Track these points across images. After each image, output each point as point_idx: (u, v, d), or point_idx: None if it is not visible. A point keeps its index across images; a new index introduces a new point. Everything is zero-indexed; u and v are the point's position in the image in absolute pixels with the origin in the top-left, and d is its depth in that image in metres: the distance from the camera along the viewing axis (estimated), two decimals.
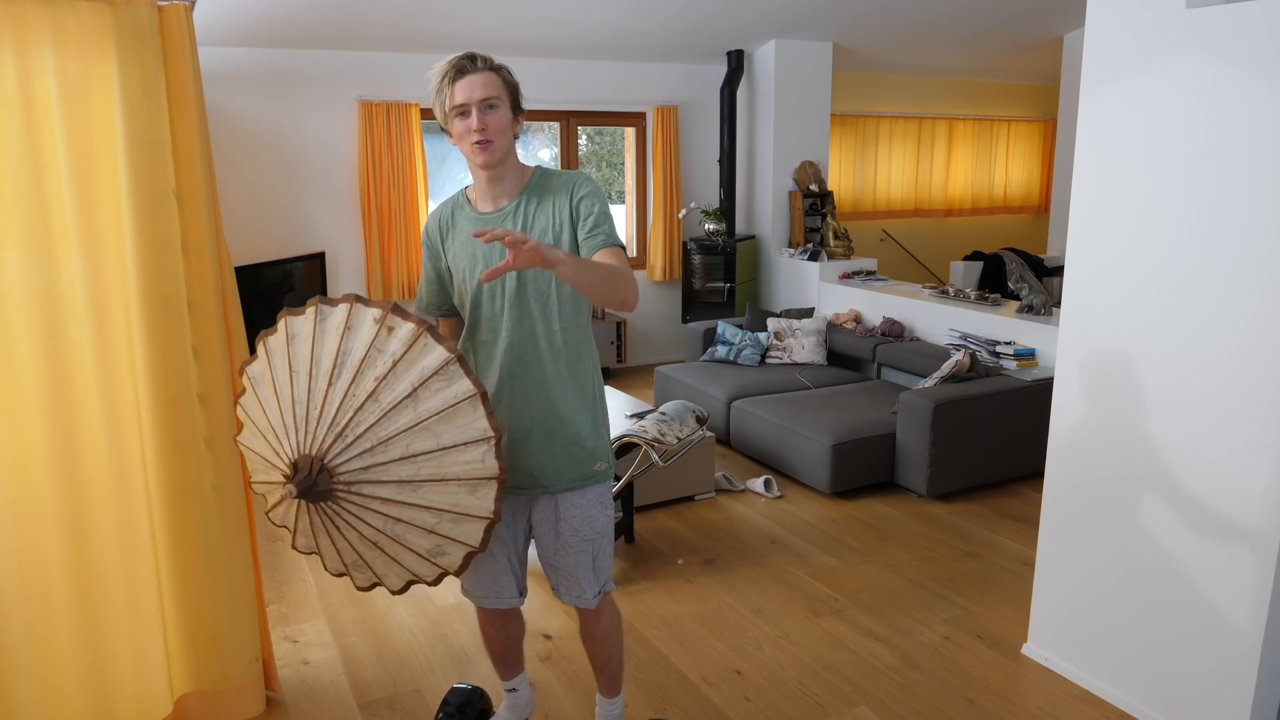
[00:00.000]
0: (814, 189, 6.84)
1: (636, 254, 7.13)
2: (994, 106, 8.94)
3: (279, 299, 5.42)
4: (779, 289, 6.80)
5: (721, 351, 5.61)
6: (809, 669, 2.90)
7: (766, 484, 4.45)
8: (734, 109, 6.67)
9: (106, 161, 2.21)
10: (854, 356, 5.51)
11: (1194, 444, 2.42)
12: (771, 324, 5.71)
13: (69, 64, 2.13)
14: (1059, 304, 2.90)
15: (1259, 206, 2.21)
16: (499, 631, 2.40)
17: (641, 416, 3.99)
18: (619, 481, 3.66)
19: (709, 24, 6.14)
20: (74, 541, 2.31)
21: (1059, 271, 6.79)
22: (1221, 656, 2.40)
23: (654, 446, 3.50)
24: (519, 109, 2.06)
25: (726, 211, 6.78)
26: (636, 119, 6.96)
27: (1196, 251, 2.36)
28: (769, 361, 5.57)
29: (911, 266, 8.68)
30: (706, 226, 6.79)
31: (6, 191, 2.13)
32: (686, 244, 6.84)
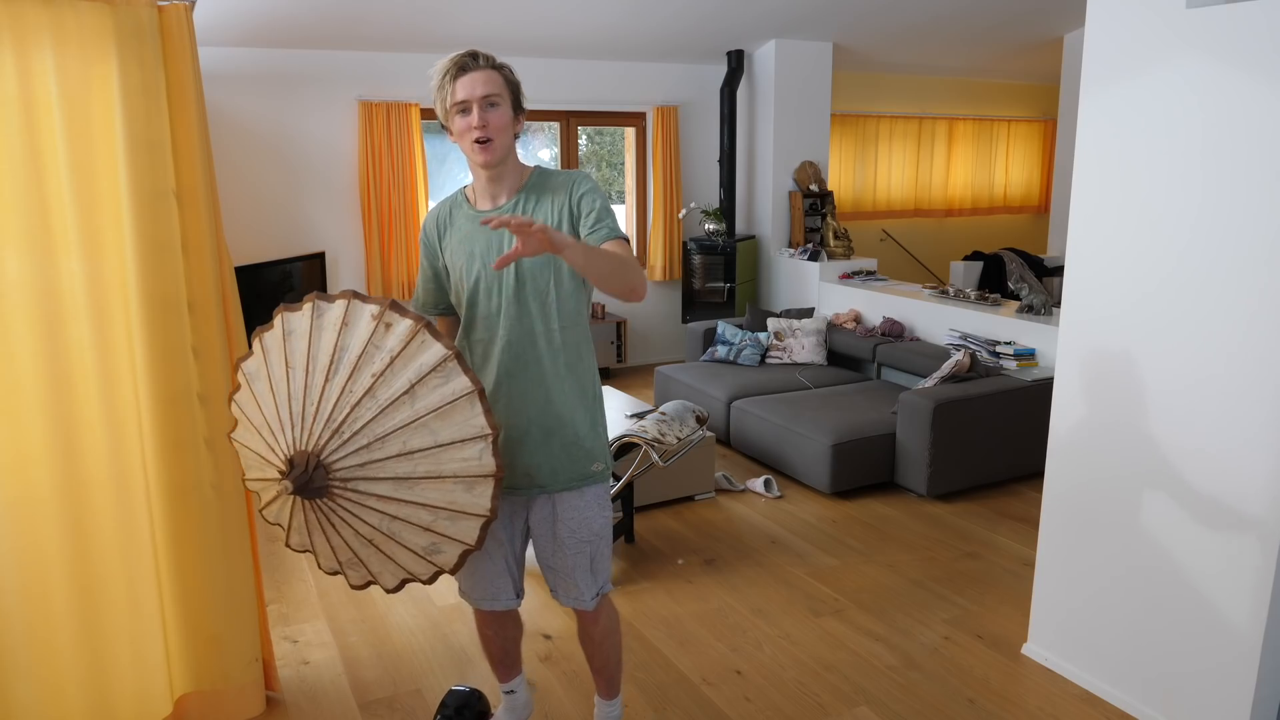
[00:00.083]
0: (814, 189, 6.84)
1: (637, 254, 7.13)
2: (994, 106, 8.94)
3: (279, 299, 5.41)
4: (779, 289, 6.80)
5: (721, 351, 5.61)
6: (809, 669, 2.90)
7: (766, 484, 4.45)
8: (734, 109, 6.67)
9: (106, 161, 2.21)
10: (854, 356, 5.51)
11: (1194, 443, 2.42)
12: (771, 324, 5.71)
13: (69, 64, 2.13)
14: (1059, 304, 2.90)
15: (1259, 206, 2.21)
16: (497, 633, 2.39)
17: (641, 416, 3.99)
18: (619, 482, 3.66)
19: (709, 24, 6.14)
20: (74, 541, 2.31)
21: (1059, 271, 6.79)
22: (1221, 656, 2.40)
23: (654, 446, 3.50)
24: (520, 108, 2.06)
25: (726, 211, 6.78)
26: (636, 119, 6.96)
27: (1196, 251, 2.36)
28: (769, 361, 5.57)
29: (911, 266, 8.68)
30: (706, 226, 6.79)
31: (6, 191, 2.13)
32: (686, 244, 6.84)
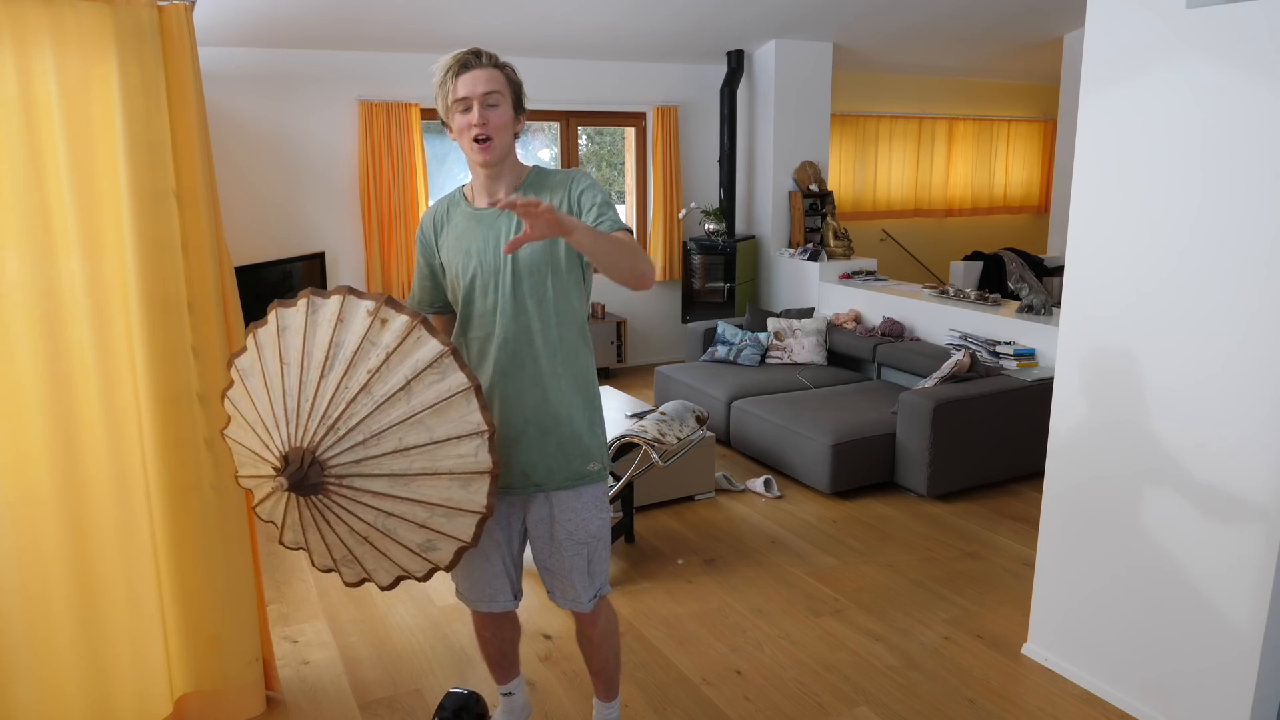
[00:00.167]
0: (814, 189, 6.84)
1: None
2: (994, 106, 8.94)
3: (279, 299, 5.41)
4: (779, 289, 6.80)
5: (721, 351, 5.61)
6: (809, 669, 2.90)
7: (766, 484, 4.45)
8: (734, 109, 6.67)
9: (106, 161, 2.21)
10: (854, 356, 5.51)
11: (1194, 443, 2.42)
12: (771, 324, 5.71)
13: (69, 64, 2.13)
14: (1059, 304, 2.90)
15: (1259, 206, 2.21)
16: (494, 635, 2.37)
17: (641, 416, 3.99)
18: (619, 482, 3.66)
19: (709, 24, 6.14)
20: (74, 541, 2.31)
21: (1059, 271, 6.79)
22: (1221, 656, 2.40)
23: (654, 446, 3.50)
24: (521, 108, 2.06)
25: (726, 211, 6.77)
26: (636, 119, 6.96)
27: (1196, 251, 2.36)
28: (769, 361, 5.57)
29: (911, 266, 8.68)
30: (706, 226, 6.79)
31: (6, 191, 2.13)
32: (686, 244, 6.84)
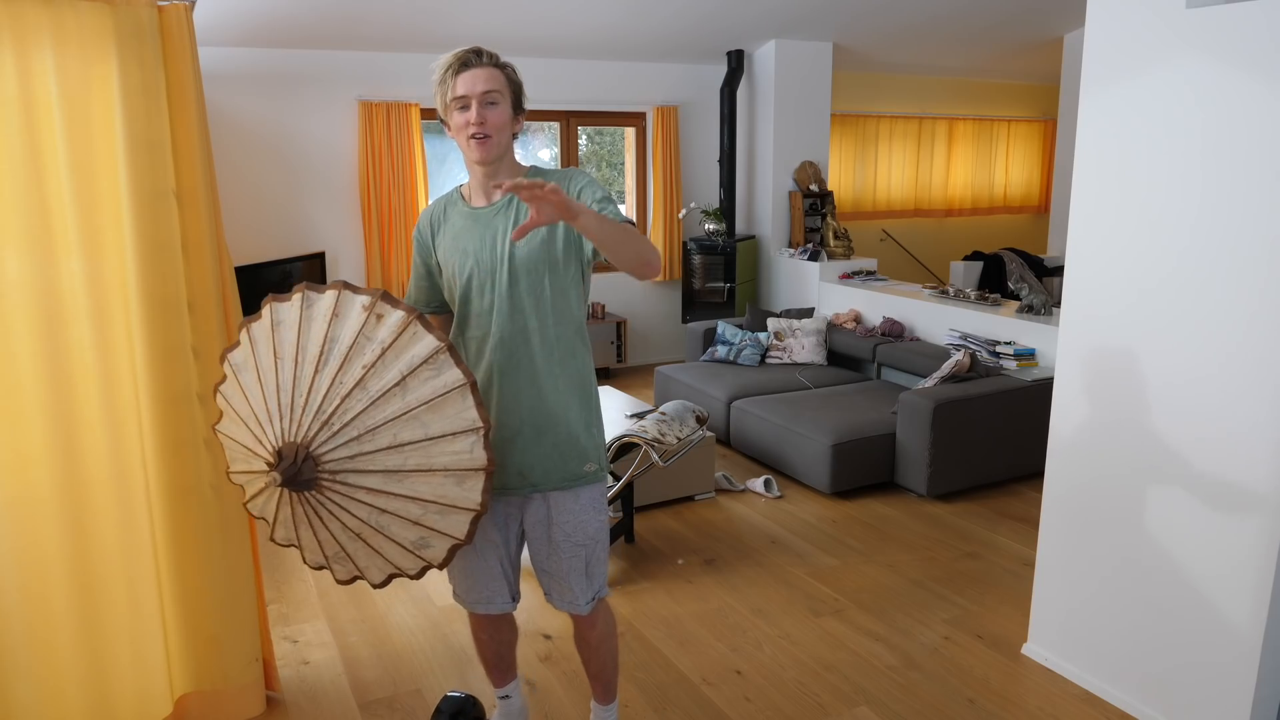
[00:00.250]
0: (814, 189, 6.84)
1: None
2: (994, 106, 8.94)
3: None
4: (779, 289, 6.80)
5: (721, 351, 5.61)
6: (809, 669, 2.90)
7: (766, 484, 4.45)
8: (734, 109, 6.67)
9: (106, 161, 2.21)
10: (854, 356, 5.51)
11: (1194, 443, 2.42)
12: (771, 324, 5.71)
13: (69, 64, 2.13)
14: (1059, 304, 2.90)
15: (1259, 206, 2.21)
16: (491, 637, 2.35)
17: (641, 416, 3.99)
18: (619, 482, 3.66)
19: (709, 24, 6.14)
20: (74, 541, 2.31)
21: (1059, 271, 6.79)
22: (1222, 656, 2.40)
23: (654, 446, 3.50)
24: (520, 108, 2.05)
25: (726, 211, 6.77)
26: (636, 119, 6.96)
27: (1196, 250, 2.36)
28: (769, 361, 5.57)
29: (911, 266, 8.68)
30: (706, 226, 6.79)
31: (6, 191, 2.13)
32: (686, 244, 6.84)
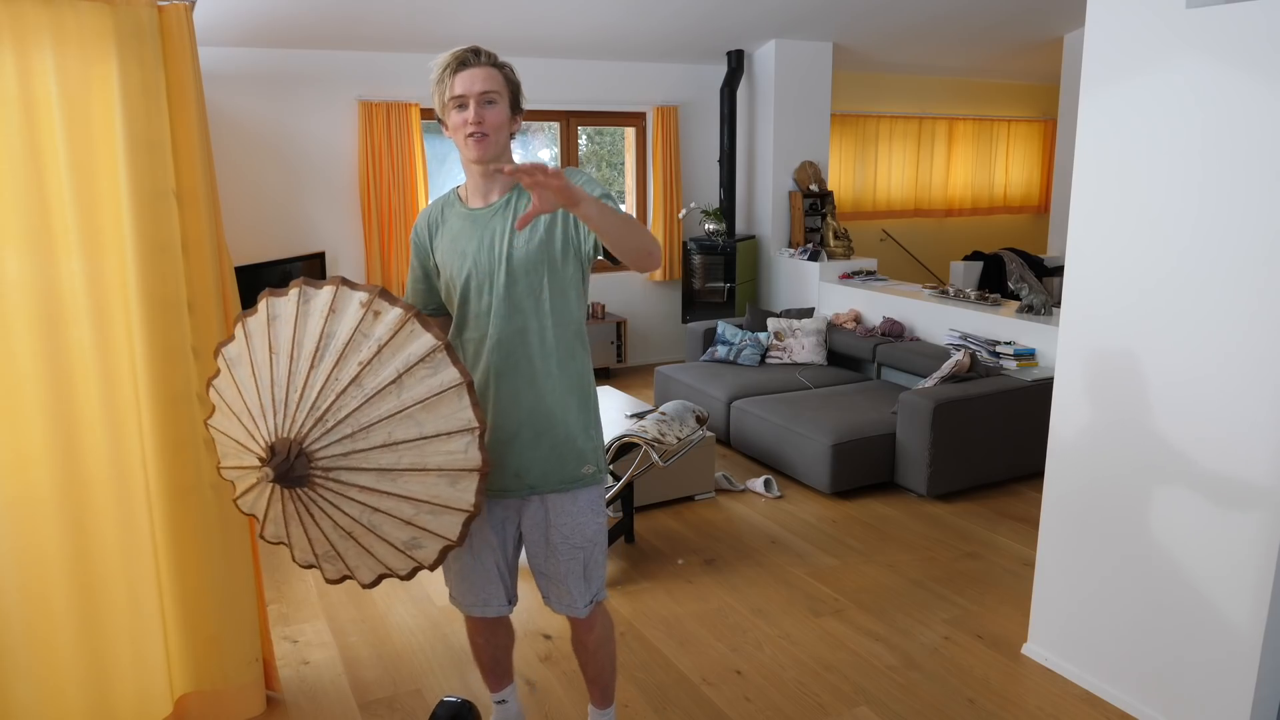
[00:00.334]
0: (814, 189, 6.84)
1: None
2: (994, 106, 8.94)
3: None
4: (779, 289, 6.80)
5: (721, 351, 5.61)
6: (809, 669, 2.90)
7: (766, 484, 4.45)
8: (734, 109, 6.67)
9: (106, 161, 2.21)
10: (854, 356, 5.51)
11: (1194, 442, 2.42)
12: (771, 324, 5.71)
13: (69, 64, 2.13)
14: (1059, 304, 2.90)
15: (1259, 206, 2.21)
16: (487, 641, 2.33)
17: (641, 416, 3.99)
18: (619, 482, 3.66)
19: (709, 24, 6.14)
20: (74, 541, 2.31)
21: (1059, 271, 6.79)
22: (1221, 656, 2.40)
23: (654, 446, 3.50)
24: (518, 108, 2.04)
25: (726, 211, 6.78)
26: (636, 119, 6.96)
27: (1196, 250, 2.36)
28: (769, 361, 5.57)
29: (911, 266, 8.68)
30: (706, 226, 6.79)
31: (6, 191, 2.13)
32: (686, 244, 6.84)
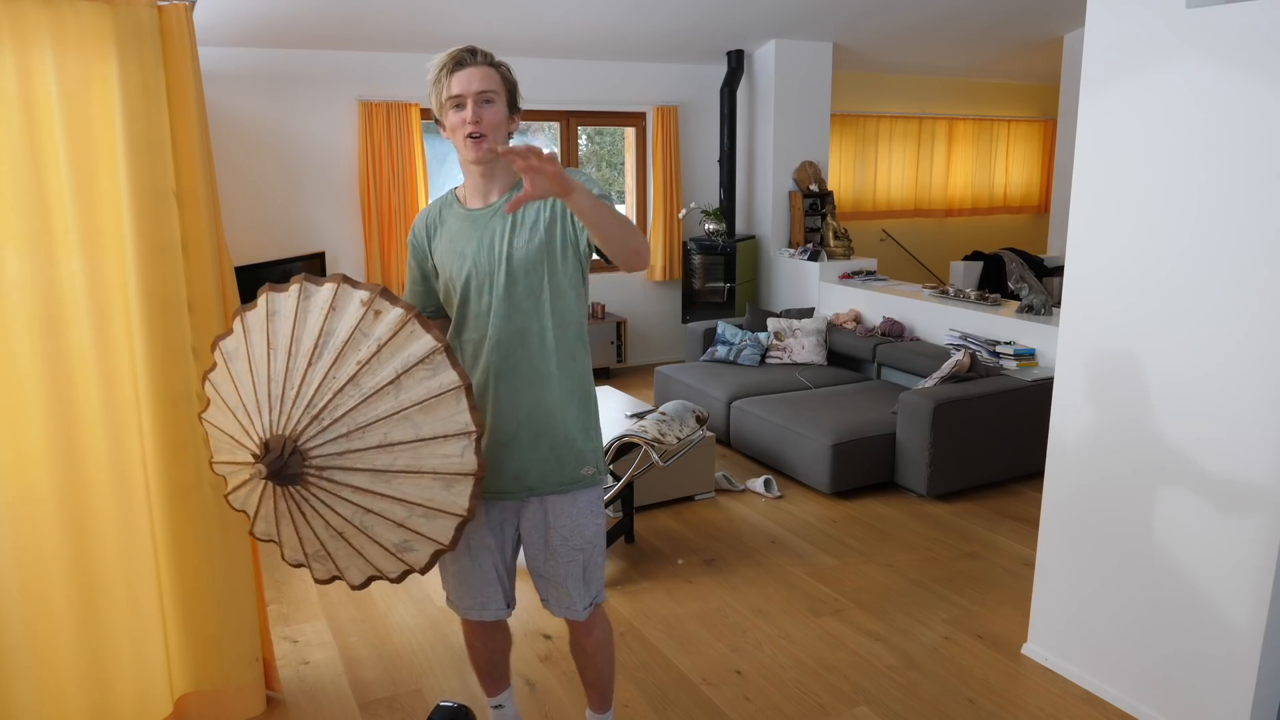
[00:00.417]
0: (814, 189, 6.84)
1: None
2: (994, 106, 8.94)
3: None
4: (779, 289, 6.80)
5: (721, 351, 5.61)
6: (809, 669, 2.90)
7: (766, 484, 4.45)
8: (734, 109, 6.67)
9: (106, 161, 2.21)
10: (854, 356, 5.51)
11: (1194, 442, 2.42)
12: (771, 324, 5.71)
13: (69, 64, 2.13)
14: (1059, 304, 2.90)
15: (1259, 206, 2.21)
16: (485, 645, 2.31)
17: (641, 416, 3.99)
18: (619, 482, 3.66)
19: (709, 24, 6.14)
20: (74, 541, 2.31)
21: (1059, 271, 6.79)
22: (1221, 656, 2.40)
23: (654, 446, 3.50)
24: (515, 107, 2.03)
25: (726, 211, 6.78)
26: (636, 119, 6.96)
27: (1196, 250, 2.36)
28: (769, 361, 5.57)
29: (911, 266, 8.68)
30: (706, 226, 6.79)
31: (6, 191, 2.13)
32: (686, 244, 6.84)
